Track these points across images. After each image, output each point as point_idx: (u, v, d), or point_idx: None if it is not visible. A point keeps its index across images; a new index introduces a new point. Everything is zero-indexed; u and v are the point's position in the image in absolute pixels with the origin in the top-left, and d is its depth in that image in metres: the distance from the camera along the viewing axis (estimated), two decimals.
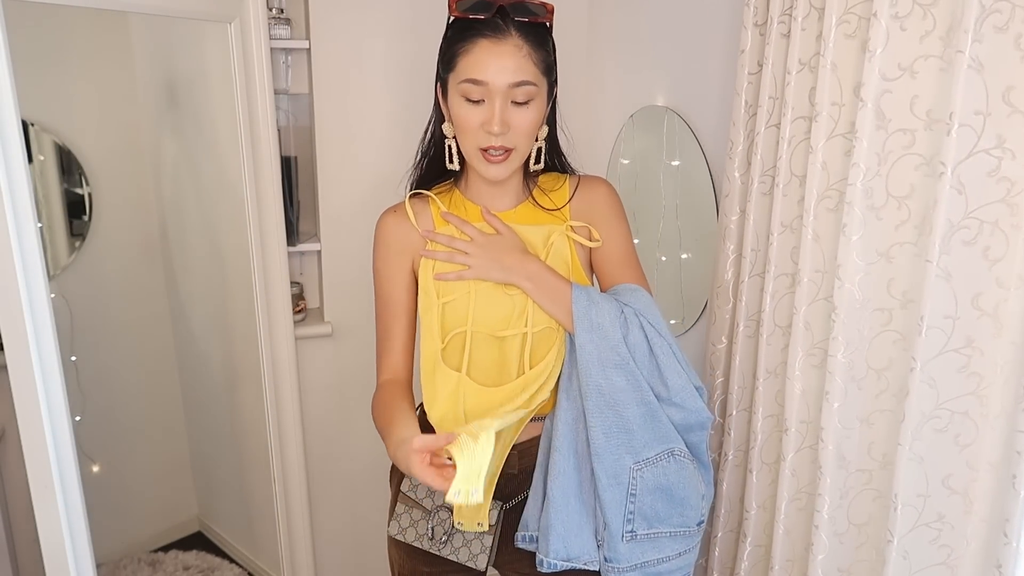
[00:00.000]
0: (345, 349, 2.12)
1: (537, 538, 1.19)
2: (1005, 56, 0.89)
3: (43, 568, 1.35)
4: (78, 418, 2.28)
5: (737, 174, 1.31)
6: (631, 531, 1.16)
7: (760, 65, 1.24)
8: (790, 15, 1.14)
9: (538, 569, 1.17)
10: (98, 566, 1.56)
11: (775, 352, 1.26)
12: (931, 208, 0.96)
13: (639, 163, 1.78)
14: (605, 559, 1.17)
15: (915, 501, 1.06)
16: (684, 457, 1.18)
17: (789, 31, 1.14)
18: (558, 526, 1.15)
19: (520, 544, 1.21)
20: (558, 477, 1.15)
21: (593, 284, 1.26)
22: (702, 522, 1.22)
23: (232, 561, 2.58)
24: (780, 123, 1.19)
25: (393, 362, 1.26)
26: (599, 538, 1.18)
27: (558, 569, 1.17)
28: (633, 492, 1.16)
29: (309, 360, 2.09)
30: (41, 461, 1.29)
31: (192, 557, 2.57)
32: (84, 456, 2.29)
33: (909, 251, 1.03)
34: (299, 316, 2.08)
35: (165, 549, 2.63)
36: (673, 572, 1.20)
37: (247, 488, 2.42)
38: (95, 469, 2.42)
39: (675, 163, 1.65)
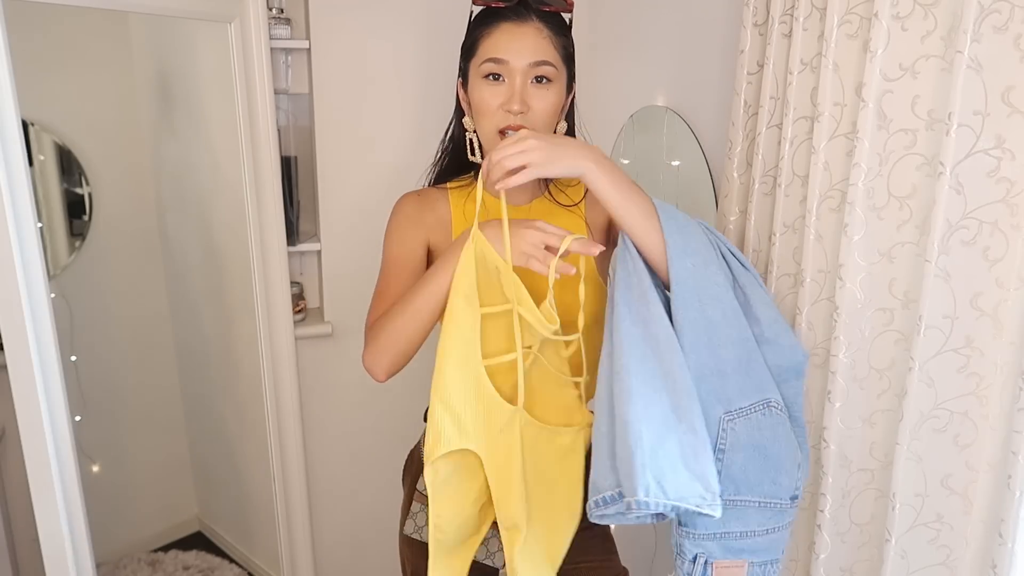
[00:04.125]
0: (345, 349, 2.12)
1: (619, 493, 0.94)
2: (1004, 56, 0.89)
3: (43, 568, 1.35)
4: (78, 418, 2.28)
5: (736, 174, 1.31)
6: None
7: (760, 65, 1.23)
8: (791, 15, 1.14)
9: (635, 521, 0.97)
10: (98, 566, 1.56)
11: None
12: (931, 208, 0.96)
13: (639, 163, 1.78)
14: (680, 523, 1.02)
15: (913, 501, 1.06)
16: (780, 411, 1.02)
17: (791, 31, 1.14)
18: (640, 457, 0.89)
19: (595, 511, 0.98)
20: (630, 400, 0.93)
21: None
22: (796, 496, 1.06)
23: (232, 561, 2.58)
24: (782, 123, 1.19)
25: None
26: None
27: (651, 511, 0.91)
28: (722, 447, 0.99)
29: (309, 360, 2.10)
30: (41, 461, 1.29)
31: (192, 557, 2.57)
32: (84, 456, 2.29)
33: (910, 251, 1.03)
34: (299, 316, 2.08)
35: (165, 549, 2.63)
36: (758, 551, 1.04)
37: (247, 488, 2.42)
38: (95, 469, 2.43)
39: (675, 163, 1.65)
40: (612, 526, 1.30)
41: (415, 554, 1.30)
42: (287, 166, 1.97)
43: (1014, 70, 0.89)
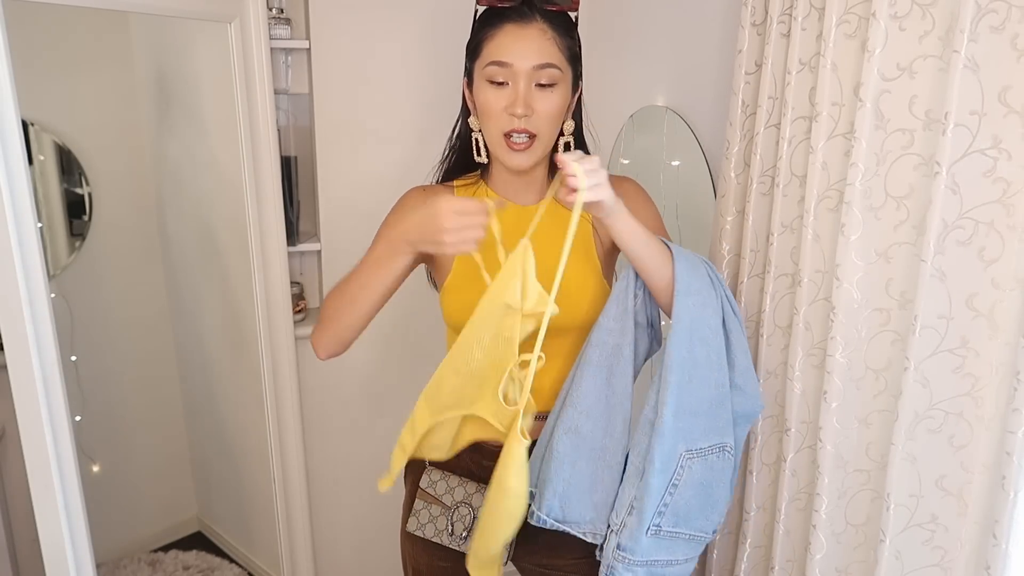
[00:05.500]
0: None
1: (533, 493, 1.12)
2: (1001, 56, 0.89)
3: (43, 568, 1.35)
4: (78, 418, 2.28)
5: (733, 174, 1.31)
6: (657, 525, 1.08)
7: (758, 65, 1.24)
8: (790, 15, 1.14)
9: (529, 520, 1.11)
10: (98, 566, 1.56)
11: (775, 352, 1.26)
12: (928, 208, 0.96)
13: (639, 163, 1.78)
14: (618, 546, 1.09)
15: (908, 501, 1.06)
16: (731, 455, 1.11)
17: (789, 31, 1.14)
18: (558, 484, 1.06)
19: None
20: (568, 433, 1.06)
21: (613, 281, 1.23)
22: (716, 531, 1.16)
23: (232, 561, 2.58)
24: (780, 123, 1.19)
25: None
26: (617, 521, 1.10)
27: (547, 527, 1.11)
28: (676, 483, 1.07)
29: (309, 360, 2.10)
30: (41, 461, 1.29)
31: (192, 557, 2.57)
32: (84, 456, 2.29)
33: (907, 251, 1.03)
34: (299, 316, 2.08)
35: (165, 549, 2.63)
36: (633, 566, 1.12)
37: (247, 488, 2.42)
38: (95, 469, 2.43)
39: (675, 163, 1.65)
40: None
41: (417, 551, 1.30)
42: (287, 166, 1.97)
43: (1011, 70, 0.89)
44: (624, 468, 1.12)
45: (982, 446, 0.98)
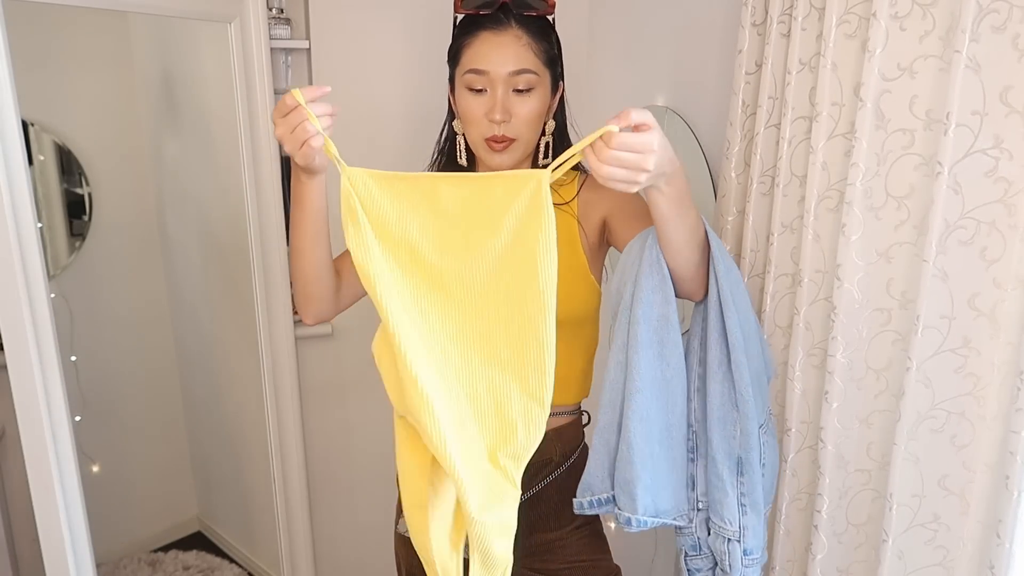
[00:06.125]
0: (345, 349, 2.12)
1: (611, 498, 1.07)
2: (1002, 56, 0.89)
3: (43, 568, 1.35)
4: (78, 418, 2.28)
5: (734, 174, 1.31)
6: (764, 513, 1.07)
7: (758, 65, 1.24)
8: (790, 15, 1.14)
9: (624, 529, 1.06)
10: (98, 566, 1.56)
11: (776, 353, 1.26)
12: (929, 208, 0.96)
13: None
14: (745, 552, 1.07)
15: (910, 501, 1.06)
16: (774, 417, 1.11)
17: (789, 31, 1.14)
18: (646, 478, 1.01)
19: (587, 510, 1.10)
20: (642, 422, 1.00)
21: (603, 279, 1.23)
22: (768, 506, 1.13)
23: (232, 561, 2.58)
24: (780, 123, 1.19)
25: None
26: (734, 529, 1.06)
27: (647, 527, 1.04)
28: (764, 463, 1.05)
29: (309, 360, 2.10)
30: (41, 461, 1.29)
31: (192, 557, 2.58)
32: (84, 456, 2.29)
33: (908, 251, 1.03)
34: (299, 316, 2.08)
35: (165, 549, 2.64)
36: (758, 564, 1.10)
37: (247, 488, 2.42)
38: (95, 469, 2.43)
39: None
40: (604, 525, 1.32)
41: (409, 553, 1.31)
42: (287, 166, 1.97)
43: (1012, 70, 0.89)
44: (687, 444, 1.09)
45: (984, 446, 0.98)
